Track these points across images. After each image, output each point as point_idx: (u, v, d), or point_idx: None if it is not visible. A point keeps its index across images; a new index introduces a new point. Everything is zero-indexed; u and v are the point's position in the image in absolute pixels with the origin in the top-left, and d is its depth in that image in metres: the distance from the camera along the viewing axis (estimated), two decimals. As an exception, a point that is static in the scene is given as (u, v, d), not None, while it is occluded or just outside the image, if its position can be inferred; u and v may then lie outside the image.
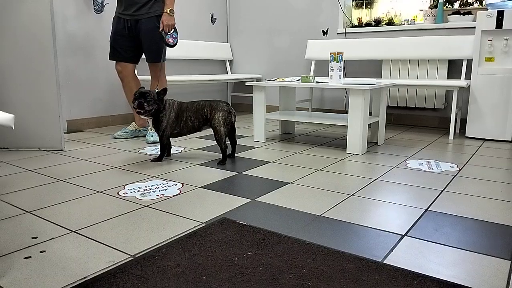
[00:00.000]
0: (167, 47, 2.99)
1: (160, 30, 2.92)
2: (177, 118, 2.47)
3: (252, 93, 4.96)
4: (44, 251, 1.31)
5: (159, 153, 2.57)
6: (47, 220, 1.57)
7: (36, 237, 1.41)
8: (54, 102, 2.68)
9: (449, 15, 3.79)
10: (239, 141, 3.14)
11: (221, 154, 2.48)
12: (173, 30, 2.93)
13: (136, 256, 1.28)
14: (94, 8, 3.63)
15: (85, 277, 1.15)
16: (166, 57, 3.10)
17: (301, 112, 3.44)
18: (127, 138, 3.28)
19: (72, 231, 1.47)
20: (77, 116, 3.63)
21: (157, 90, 2.45)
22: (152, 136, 3.10)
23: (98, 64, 3.72)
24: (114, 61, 3.13)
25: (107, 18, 3.37)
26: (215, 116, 2.41)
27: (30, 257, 1.27)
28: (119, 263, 1.23)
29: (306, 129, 3.77)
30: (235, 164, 2.46)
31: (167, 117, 2.46)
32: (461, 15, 3.72)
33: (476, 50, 3.27)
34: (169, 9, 2.91)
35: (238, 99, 5.29)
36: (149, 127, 3.19)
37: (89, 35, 3.63)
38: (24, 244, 1.36)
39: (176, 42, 2.96)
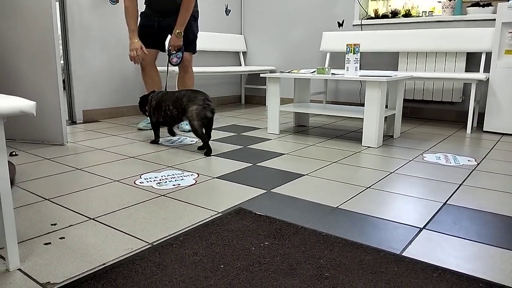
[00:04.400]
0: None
1: (167, 48, 3.08)
2: (157, 107, 2.61)
3: (265, 85, 4.97)
4: (64, 238, 1.33)
5: (175, 142, 2.64)
6: (65, 208, 1.59)
7: (55, 224, 1.43)
8: (55, 96, 2.59)
9: (468, 7, 3.71)
10: (252, 133, 3.14)
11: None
12: (177, 50, 3.06)
13: (154, 244, 1.28)
14: (109, -1, 3.64)
15: (104, 264, 1.16)
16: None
17: (315, 104, 3.42)
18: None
19: (90, 218, 1.49)
20: (93, 106, 3.66)
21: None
22: (187, 124, 3.16)
23: (114, 55, 3.74)
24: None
25: (123, 9, 3.37)
26: (189, 108, 2.41)
27: (50, 243, 1.29)
28: (138, 251, 1.24)
29: (321, 122, 3.75)
30: (250, 155, 2.45)
31: (149, 105, 2.69)
32: (481, 7, 3.64)
33: (496, 43, 3.20)
34: (177, 31, 3.01)
35: (252, 91, 5.28)
36: None
37: (105, 26, 3.64)
38: (44, 231, 1.38)
39: (180, 62, 3.09)
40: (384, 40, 3.97)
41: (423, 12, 4.02)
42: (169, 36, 3.17)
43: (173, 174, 2.05)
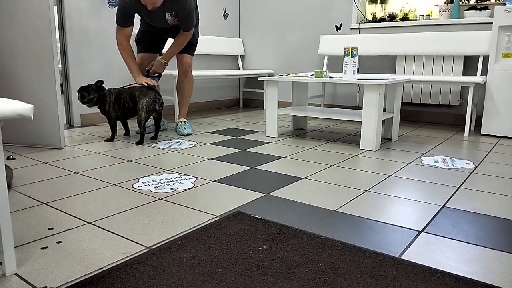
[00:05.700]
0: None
1: (146, 68, 3.11)
2: (116, 101, 2.87)
3: (263, 89, 4.97)
4: (61, 242, 1.32)
5: (173, 146, 2.67)
6: (63, 212, 1.58)
7: (53, 228, 1.43)
8: (53, 100, 2.58)
9: (465, 10, 3.73)
10: (250, 136, 3.15)
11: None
12: (157, 75, 3.14)
13: (152, 247, 1.28)
14: (108, 3, 3.64)
15: (102, 268, 1.15)
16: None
17: (314, 108, 3.42)
18: (150, 132, 3.24)
19: (88, 222, 1.48)
20: (91, 110, 3.65)
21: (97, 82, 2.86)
22: (185, 128, 3.16)
23: (111, 58, 3.74)
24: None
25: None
26: (140, 100, 2.76)
27: (47, 247, 1.28)
28: (135, 255, 1.23)
29: (319, 125, 3.75)
30: (248, 159, 2.45)
31: (108, 101, 2.88)
32: (478, 10, 3.65)
33: (493, 46, 3.21)
34: (164, 61, 3.07)
35: (250, 94, 5.28)
36: (179, 120, 3.23)
37: (103, 29, 3.64)
38: (41, 235, 1.37)
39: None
40: (381, 44, 3.99)
41: (420, 15, 4.04)
42: (169, 40, 3.18)
43: (171, 178, 2.04)
